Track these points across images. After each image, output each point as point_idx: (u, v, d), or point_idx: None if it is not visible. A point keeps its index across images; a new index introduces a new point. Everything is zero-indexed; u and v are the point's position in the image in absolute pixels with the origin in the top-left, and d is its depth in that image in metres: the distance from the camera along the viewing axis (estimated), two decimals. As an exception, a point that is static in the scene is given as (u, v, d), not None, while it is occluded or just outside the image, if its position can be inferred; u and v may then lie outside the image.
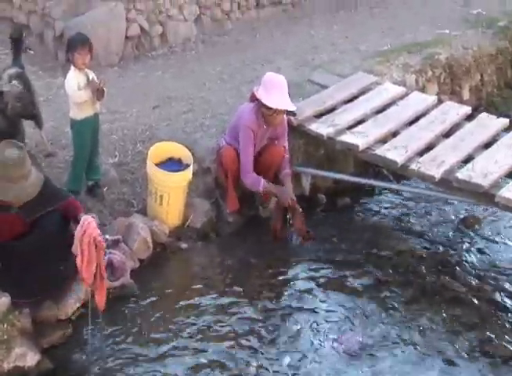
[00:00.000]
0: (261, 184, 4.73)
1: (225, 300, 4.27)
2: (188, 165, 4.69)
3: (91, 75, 4.48)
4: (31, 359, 3.65)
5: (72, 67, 4.43)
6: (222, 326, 4.05)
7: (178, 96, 6.03)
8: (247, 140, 4.72)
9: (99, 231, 3.64)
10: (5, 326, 3.59)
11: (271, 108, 4.62)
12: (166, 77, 6.51)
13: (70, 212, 3.79)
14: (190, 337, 3.96)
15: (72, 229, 3.77)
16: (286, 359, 3.81)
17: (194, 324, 4.05)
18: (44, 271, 3.71)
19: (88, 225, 3.59)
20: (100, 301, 3.73)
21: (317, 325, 4.08)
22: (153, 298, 4.24)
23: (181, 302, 4.24)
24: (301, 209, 4.73)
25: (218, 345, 3.91)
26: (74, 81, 4.41)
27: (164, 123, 5.59)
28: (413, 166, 4.64)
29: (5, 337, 3.56)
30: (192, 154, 4.82)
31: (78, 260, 3.60)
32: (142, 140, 5.34)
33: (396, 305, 4.28)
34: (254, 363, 3.78)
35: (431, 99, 5.60)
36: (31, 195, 3.58)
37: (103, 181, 4.85)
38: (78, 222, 3.65)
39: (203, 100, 5.96)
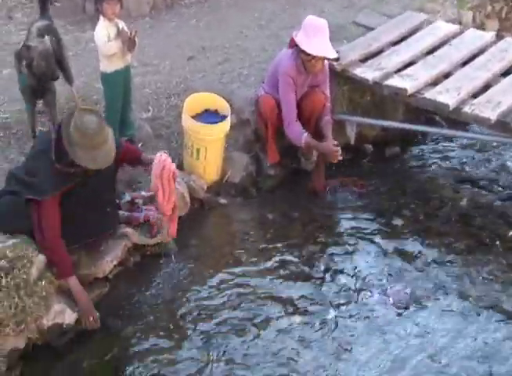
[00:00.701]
0: (303, 138, 4.85)
1: (268, 256, 4.45)
2: (225, 116, 4.84)
3: (122, 25, 4.65)
4: (69, 316, 3.89)
5: (101, 18, 4.60)
6: (264, 282, 4.24)
7: (214, 46, 6.19)
8: (287, 87, 4.85)
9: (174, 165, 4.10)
10: (43, 283, 3.83)
11: (310, 54, 4.73)
12: (200, 27, 6.65)
13: (129, 155, 4.15)
14: (231, 293, 4.15)
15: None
16: (331, 313, 3.99)
17: (235, 281, 4.25)
18: (97, 212, 4.01)
19: (165, 161, 4.00)
20: (174, 230, 4.25)
21: (364, 278, 4.25)
22: (193, 255, 4.44)
23: (221, 259, 4.45)
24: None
25: (260, 301, 4.09)
26: (104, 31, 4.57)
27: (199, 74, 5.76)
28: (466, 109, 4.68)
29: (44, 293, 3.80)
30: (230, 106, 4.96)
31: (160, 195, 4.05)
32: (177, 93, 5.52)
33: (449, 256, 4.41)
34: (298, 317, 3.96)
35: (489, 35, 5.60)
36: (113, 157, 3.84)
37: (138, 136, 5.04)
38: (140, 163, 4.16)
39: (239, 49, 6.10)
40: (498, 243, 4.50)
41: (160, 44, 6.30)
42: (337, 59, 4.98)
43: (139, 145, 5.02)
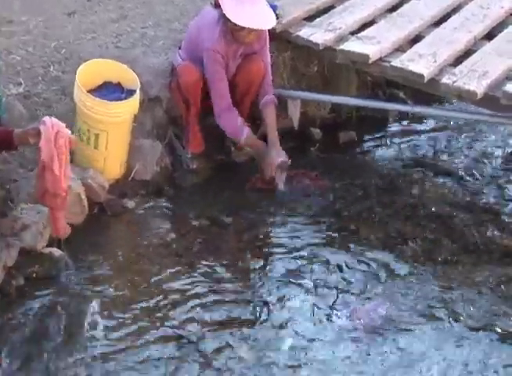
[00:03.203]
0: (243, 134, 5.17)
1: (196, 274, 4.70)
2: (133, 91, 5.04)
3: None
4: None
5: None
6: (196, 308, 4.45)
7: (102, -2, 6.40)
8: (216, 66, 5.11)
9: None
10: None
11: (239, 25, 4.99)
12: (78, -30, 6.82)
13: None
14: (147, 326, 4.31)
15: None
16: (287, 342, 4.27)
17: (151, 309, 4.42)
18: None
19: (57, 124, 4.21)
20: (62, 225, 4.46)
21: (323, 297, 4.56)
22: (94, 276, 4.61)
23: (132, 281, 4.63)
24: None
25: (195, 332, 4.27)
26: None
27: (86, 36, 5.97)
28: (446, 79, 5.08)
29: None
30: (133, 78, 5.17)
31: (56, 168, 4.20)
32: (58, 61, 5.71)
33: (428, 267, 4.81)
34: (245, 351, 4.20)
35: (465, -12, 6.06)
36: None
37: (6, 118, 5.13)
38: (12, 143, 4.33)
39: (139, 2, 6.38)
40: (487, 249, 4.94)
41: (26, -6, 6.43)
42: (276, 17, 5.28)
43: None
